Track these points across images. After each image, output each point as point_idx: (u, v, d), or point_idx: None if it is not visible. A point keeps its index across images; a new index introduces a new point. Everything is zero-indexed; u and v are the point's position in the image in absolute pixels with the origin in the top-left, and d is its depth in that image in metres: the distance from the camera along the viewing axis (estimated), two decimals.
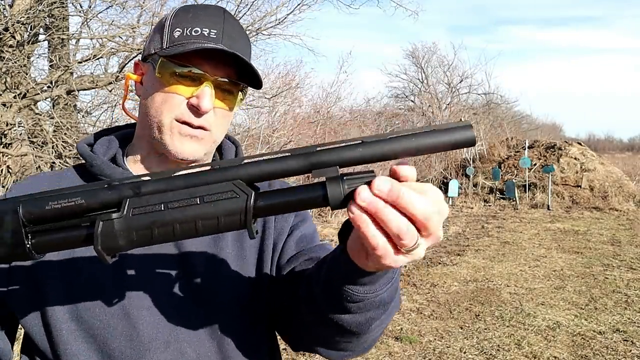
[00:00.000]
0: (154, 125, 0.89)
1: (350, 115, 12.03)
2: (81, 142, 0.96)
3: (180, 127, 0.88)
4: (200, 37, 0.86)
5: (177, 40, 0.86)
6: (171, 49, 0.86)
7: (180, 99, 0.87)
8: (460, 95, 23.38)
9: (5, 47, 5.02)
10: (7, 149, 5.13)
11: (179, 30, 0.87)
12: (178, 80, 0.87)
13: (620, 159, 27.85)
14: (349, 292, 0.69)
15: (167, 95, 0.87)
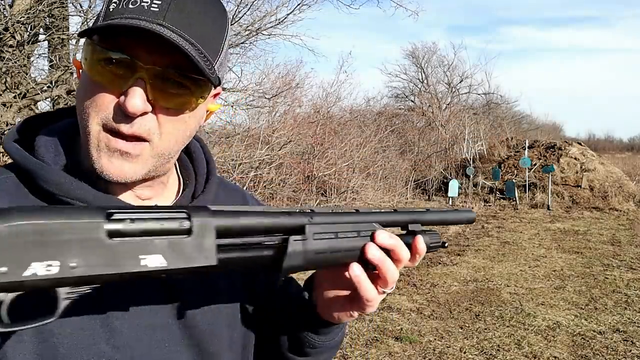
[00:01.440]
0: (81, 129, 0.67)
1: (350, 115, 12.03)
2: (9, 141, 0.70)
3: (108, 139, 0.65)
4: (136, 10, 0.63)
5: (110, 15, 0.64)
6: (94, 27, 0.64)
7: (109, 97, 0.65)
8: (460, 95, 23.41)
9: (5, 47, 5.02)
10: None
11: (115, 2, 0.65)
12: (108, 70, 0.64)
13: (620, 159, 27.85)
14: (311, 340, 0.79)
15: (94, 90, 0.65)
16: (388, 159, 11.66)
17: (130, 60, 0.64)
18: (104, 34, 0.64)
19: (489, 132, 17.76)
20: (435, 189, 13.37)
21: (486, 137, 16.45)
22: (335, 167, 9.15)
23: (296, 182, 8.58)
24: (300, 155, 9.01)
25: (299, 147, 8.84)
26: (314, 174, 8.84)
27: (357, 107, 13.25)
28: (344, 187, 9.48)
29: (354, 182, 9.53)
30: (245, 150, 6.93)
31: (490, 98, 23.44)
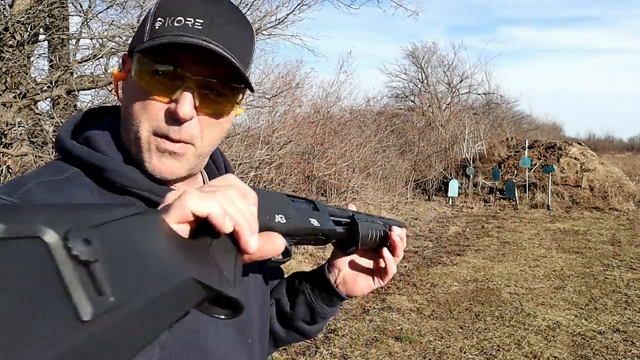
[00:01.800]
0: (131, 135, 0.75)
1: (350, 115, 12.02)
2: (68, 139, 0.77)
3: (158, 141, 0.74)
4: (182, 28, 0.71)
5: (157, 32, 0.72)
6: (147, 44, 0.72)
7: (158, 105, 0.73)
8: (460, 95, 23.40)
9: (5, 47, 5.02)
10: (7, 149, 5.13)
11: (161, 20, 0.73)
12: (156, 81, 0.73)
13: (620, 159, 27.85)
14: (323, 311, 0.99)
15: (145, 101, 0.73)
16: (388, 159, 11.66)
17: (180, 72, 0.72)
18: (156, 50, 0.72)
19: (489, 132, 17.76)
20: (435, 189, 13.37)
21: (486, 137, 16.45)
22: (335, 167, 9.15)
23: (296, 182, 8.57)
24: (300, 155, 9.01)
25: (299, 147, 8.84)
26: (314, 174, 8.84)
27: (357, 107, 13.24)
28: (344, 187, 9.48)
29: (354, 182, 9.53)
30: (245, 150, 6.93)
31: (490, 98, 23.44)
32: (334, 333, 4.37)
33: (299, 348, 4.08)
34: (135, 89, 0.74)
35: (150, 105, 0.73)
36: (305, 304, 0.99)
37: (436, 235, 8.87)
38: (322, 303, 0.98)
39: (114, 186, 0.73)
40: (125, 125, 0.76)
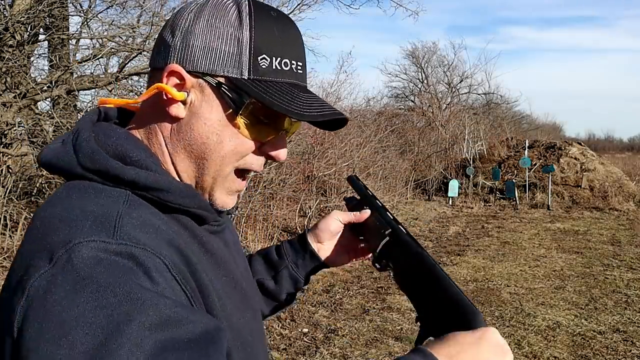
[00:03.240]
0: (209, 171, 0.72)
1: (350, 115, 12.01)
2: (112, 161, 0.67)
3: (234, 182, 0.75)
4: (290, 73, 0.71)
5: (266, 74, 0.69)
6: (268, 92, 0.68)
7: (251, 146, 0.73)
8: (460, 95, 23.41)
9: (5, 47, 5.02)
10: (7, 149, 5.14)
11: (266, 59, 0.69)
12: (258, 125, 0.72)
13: (620, 159, 27.85)
14: (304, 280, 1.05)
15: (242, 143, 0.72)
16: (388, 159, 11.65)
17: (285, 120, 0.75)
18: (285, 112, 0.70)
19: (489, 132, 17.75)
20: (435, 189, 13.36)
21: (486, 137, 16.44)
22: (335, 167, 9.15)
23: (296, 182, 8.57)
24: (300, 155, 9.01)
25: (299, 147, 8.84)
26: (314, 174, 8.84)
27: (357, 107, 13.22)
28: (344, 187, 9.48)
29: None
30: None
31: (490, 98, 23.45)
32: (334, 333, 4.38)
33: (299, 348, 4.09)
34: (227, 127, 0.70)
35: (245, 147, 0.72)
36: (289, 277, 1.03)
37: (436, 235, 8.87)
38: (303, 273, 1.04)
39: (166, 206, 0.69)
40: (197, 157, 0.72)
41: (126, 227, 0.61)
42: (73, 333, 0.50)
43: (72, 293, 0.52)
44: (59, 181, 6.35)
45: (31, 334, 0.52)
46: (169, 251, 0.63)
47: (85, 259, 0.55)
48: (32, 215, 0.70)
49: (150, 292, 0.55)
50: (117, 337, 0.50)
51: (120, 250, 0.58)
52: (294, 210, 8.20)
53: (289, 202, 8.37)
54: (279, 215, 7.88)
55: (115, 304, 0.52)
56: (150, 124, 0.73)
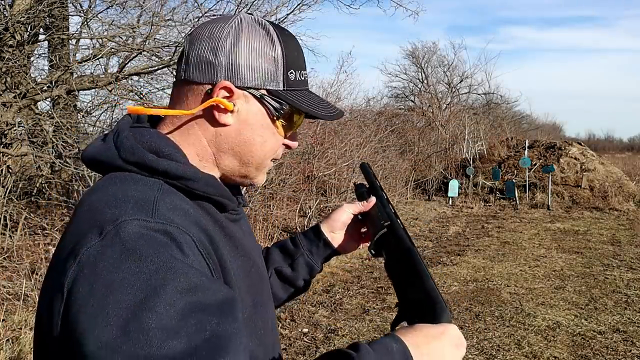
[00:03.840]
0: (254, 165, 0.89)
1: (350, 115, 12.00)
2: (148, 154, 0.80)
3: (270, 164, 0.92)
4: (304, 82, 0.90)
5: (294, 85, 0.87)
6: (298, 98, 0.87)
7: (281, 141, 0.90)
8: (460, 95, 23.40)
9: (5, 47, 5.02)
10: (7, 149, 5.13)
11: (293, 72, 0.87)
12: (287, 124, 0.89)
13: (620, 159, 27.84)
14: (319, 267, 1.17)
15: (276, 139, 0.89)
16: (388, 159, 11.65)
17: (300, 117, 0.91)
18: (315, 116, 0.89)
19: (489, 132, 17.75)
20: (435, 189, 13.36)
21: (486, 137, 16.44)
22: (335, 167, 9.15)
23: (296, 182, 8.57)
24: (300, 155, 9.00)
25: (299, 147, 8.83)
26: (314, 174, 8.84)
27: (357, 107, 13.23)
28: (344, 187, 9.48)
29: (354, 182, 9.52)
30: None
31: (490, 98, 23.44)
32: (334, 333, 4.38)
33: (299, 348, 4.09)
34: (268, 129, 0.87)
35: (277, 142, 0.89)
36: (305, 264, 1.15)
37: (436, 235, 8.87)
38: (319, 260, 1.17)
39: (193, 194, 0.81)
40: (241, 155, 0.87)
41: (162, 209, 0.72)
42: (118, 292, 0.61)
43: (118, 261, 0.63)
44: (59, 181, 6.34)
45: (82, 293, 0.62)
46: (196, 230, 0.74)
47: (130, 234, 0.66)
48: (77, 202, 0.81)
49: (182, 262, 0.66)
50: (155, 297, 0.60)
51: (158, 227, 0.69)
52: (294, 210, 8.20)
53: (289, 202, 8.37)
54: (279, 215, 7.88)
55: (153, 271, 0.63)
56: (189, 127, 0.86)
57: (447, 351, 0.74)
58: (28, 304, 4.15)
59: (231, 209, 0.89)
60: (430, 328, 0.76)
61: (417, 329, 0.76)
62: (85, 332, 0.59)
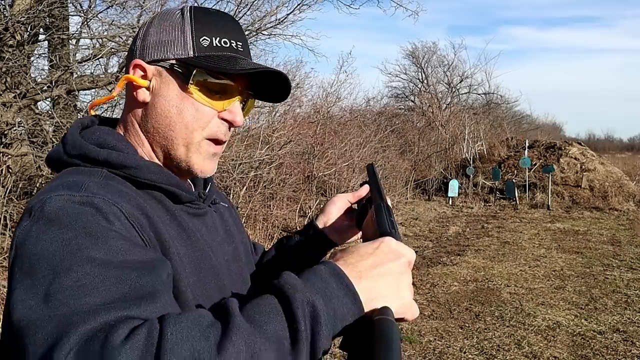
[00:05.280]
0: (179, 141, 0.85)
1: (350, 115, 12.01)
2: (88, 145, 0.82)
3: (209, 146, 0.87)
4: (230, 49, 0.85)
5: (208, 50, 0.83)
6: (211, 61, 0.82)
7: (212, 112, 0.85)
8: (460, 95, 23.41)
9: (5, 47, 5.02)
10: (7, 149, 5.13)
11: (207, 39, 0.83)
12: (210, 93, 0.84)
13: (620, 159, 27.84)
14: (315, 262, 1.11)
15: (199, 109, 0.84)
16: (388, 159, 11.65)
17: (235, 87, 0.86)
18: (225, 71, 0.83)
19: (489, 132, 17.75)
20: (435, 189, 13.36)
21: (486, 137, 16.44)
22: (335, 167, 9.15)
23: (296, 182, 8.57)
24: (300, 155, 9.00)
25: (299, 147, 8.83)
26: (314, 174, 8.84)
27: (357, 107, 13.22)
28: (344, 187, 9.48)
29: (354, 182, 9.53)
30: (245, 150, 6.93)
31: (490, 98, 23.44)
32: None
33: None
34: (183, 99, 0.84)
35: (204, 114, 0.84)
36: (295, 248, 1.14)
37: (436, 235, 8.87)
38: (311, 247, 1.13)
39: (138, 182, 0.82)
40: (164, 131, 0.85)
41: (91, 186, 0.73)
42: (40, 263, 0.62)
43: (42, 233, 0.65)
44: None
45: (15, 276, 0.64)
46: (128, 206, 0.74)
47: (53, 207, 0.68)
48: None
49: (104, 227, 0.67)
50: (72, 260, 0.61)
51: (83, 200, 0.70)
52: (294, 210, 8.20)
53: (289, 202, 8.37)
54: (279, 215, 7.87)
55: (72, 237, 0.64)
56: (127, 116, 0.89)
57: (391, 264, 0.66)
58: None
59: (187, 200, 0.88)
60: (365, 246, 0.69)
61: (350, 249, 0.69)
62: (13, 310, 0.60)
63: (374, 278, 0.64)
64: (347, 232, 1.13)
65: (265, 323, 0.56)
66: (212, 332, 0.55)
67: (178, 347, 0.52)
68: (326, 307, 0.59)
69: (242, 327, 0.55)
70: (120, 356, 0.51)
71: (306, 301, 0.58)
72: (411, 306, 0.66)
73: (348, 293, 0.61)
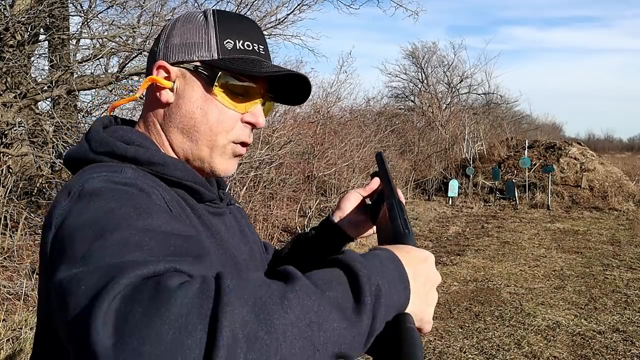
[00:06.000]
0: (203, 143, 0.86)
1: (351, 115, 12.02)
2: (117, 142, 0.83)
3: (235, 148, 0.89)
4: (253, 52, 0.86)
5: (232, 53, 0.85)
6: (235, 64, 0.83)
7: (236, 116, 0.87)
8: (460, 95, 23.42)
9: (5, 47, 5.02)
10: (8, 149, 5.13)
11: (230, 42, 0.85)
12: (234, 95, 0.85)
13: (620, 159, 27.83)
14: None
15: (223, 112, 0.85)
16: (388, 158, 11.66)
17: (258, 89, 0.88)
18: (248, 74, 0.84)
19: (489, 132, 17.76)
20: (435, 189, 13.37)
21: (486, 137, 16.44)
22: (335, 167, 9.15)
23: (296, 182, 8.58)
24: (300, 155, 9.01)
25: (299, 147, 8.84)
26: (314, 174, 8.84)
27: (357, 107, 13.24)
28: (344, 187, 9.49)
29: (354, 182, 9.53)
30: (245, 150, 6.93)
31: (490, 98, 23.45)
32: None
33: None
34: (207, 101, 0.85)
35: (228, 116, 0.86)
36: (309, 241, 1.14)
37: (436, 235, 8.88)
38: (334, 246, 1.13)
39: (165, 180, 0.82)
40: (188, 131, 0.86)
41: (129, 173, 0.74)
42: (80, 231, 0.60)
43: (84, 207, 0.64)
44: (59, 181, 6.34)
45: (52, 258, 0.61)
46: (167, 195, 0.76)
47: (96, 185, 0.67)
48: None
49: (149, 202, 0.67)
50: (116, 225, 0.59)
51: (125, 181, 0.70)
52: (294, 210, 8.21)
53: (289, 202, 8.37)
54: (279, 215, 7.88)
55: (117, 207, 0.63)
56: (148, 116, 0.89)
57: (431, 275, 0.68)
58: (28, 303, 4.16)
59: (209, 199, 0.89)
60: (416, 250, 0.70)
61: (400, 247, 0.68)
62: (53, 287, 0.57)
63: (423, 283, 0.65)
64: (363, 226, 1.12)
65: (330, 289, 0.54)
66: (274, 285, 0.52)
67: (239, 292, 0.49)
68: (389, 292, 0.58)
69: (307, 286, 0.53)
70: (176, 298, 0.48)
71: (373, 279, 0.57)
72: (430, 321, 0.67)
73: (406, 288, 0.61)
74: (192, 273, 0.54)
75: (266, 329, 0.47)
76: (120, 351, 0.46)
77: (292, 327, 0.49)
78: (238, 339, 0.46)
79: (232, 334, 0.46)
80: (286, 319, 0.49)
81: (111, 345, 0.46)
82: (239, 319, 0.47)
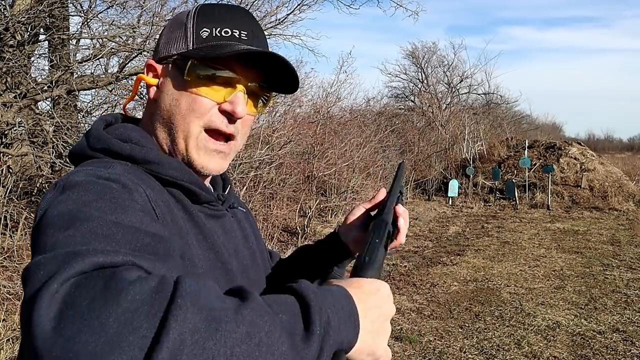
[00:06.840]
0: (179, 134, 0.84)
1: (350, 115, 12.02)
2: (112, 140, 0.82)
3: (207, 141, 0.84)
4: (231, 38, 0.83)
5: (207, 41, 0.83)
6: (203, 51, 0.81)
7: (210, 103, 0.83)
8: (460, 95, 23.42)
9: (5, 47, 5.02)
10: (8, 149, 5.13)
11: (207, 30, 0.83)
12: (208, 84, 0.82)
13: (620, 159, 27.83)
14: (335, 273, 1.11)
15: (196, 100, 0.82)
16: (388, 159, 11.66)
17: (235, 77, 0.83)
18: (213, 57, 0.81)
19: (489, 132, 17.76)
20: (435, 189, 13.37)
21: (486, 137, 16.45)
22: (335, 167, 9.15)
23: (296, 182, 8.58)
24: (300, 155, 9.01)
25: (299, 147, 8.84)
26: (314, 174, 8.84)
27: (357, 107, 13.24)
28: (344, 187, 9.49)
29: (354, 182, 9.53)
30: (245, 150, 6.93)
31: (490, 98, 23.45)
32: None
33: None
34: (181, 91, 0.83)
35: (202, 104, 0.82)
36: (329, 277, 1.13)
37: (436, 235, 8.88)
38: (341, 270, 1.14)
39: (160, 179, 0.81)
40: (165, 126, 0.86)
41: (118, 168, 0.74)
42: (54, 221, 0.60)
43: (63, 198, 0.64)
44: None
45: (32, 245, 0.62)
46: (153, 193, 0.74)
47: (79, 178, 0.68)
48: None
49: (127, 199, 0.66)
50: (88, 216, 0.60)
51: (110, 176, 0.69)
52: (294, 210, 8.21)
53: (289, 202, 8.37)
54: (279, 215, 7.88)
55: (92, 200, 0.63)
56: (145, 115, 0.91)
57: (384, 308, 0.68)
58: None
59: (206, 201, 0.87)
60: (368, 283, 0.70)
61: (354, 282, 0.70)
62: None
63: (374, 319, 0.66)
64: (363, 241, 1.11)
65: (282, 312, 0.55)
66: (229, 300, 0.52)
67: (195, 299, 0.48)
68: (338, 327, 0.59)
69: (261, 306, 0.53)
70: (128, 292, 0.47)
71: (324, 312, 0.57)
72: (385, 353, 0.68)
73: (356, 326, 0.62)
74: (151, 271, 0.54)
75: (215, 340, 0.47)
76: (57, 336, 0.45)
77: (242, 344, 0.48)
78: (185, 345, 0.45)
79: (180, 337, 0.45)
80: (237, 333, 0.48)
81: (50, 328, 0.46)
82: (191, 324, 0.46)
